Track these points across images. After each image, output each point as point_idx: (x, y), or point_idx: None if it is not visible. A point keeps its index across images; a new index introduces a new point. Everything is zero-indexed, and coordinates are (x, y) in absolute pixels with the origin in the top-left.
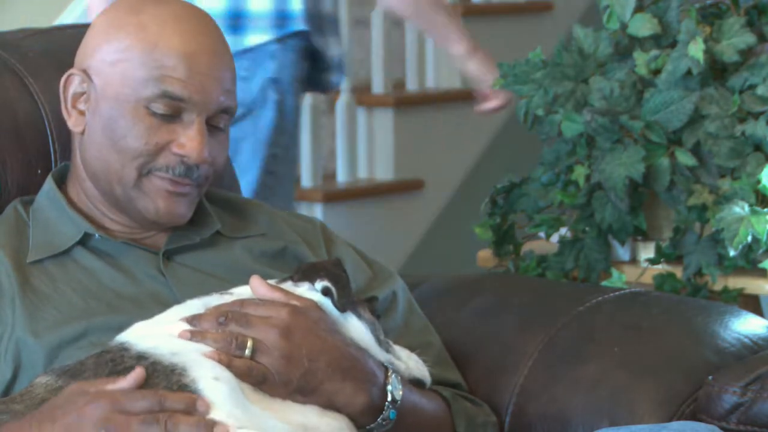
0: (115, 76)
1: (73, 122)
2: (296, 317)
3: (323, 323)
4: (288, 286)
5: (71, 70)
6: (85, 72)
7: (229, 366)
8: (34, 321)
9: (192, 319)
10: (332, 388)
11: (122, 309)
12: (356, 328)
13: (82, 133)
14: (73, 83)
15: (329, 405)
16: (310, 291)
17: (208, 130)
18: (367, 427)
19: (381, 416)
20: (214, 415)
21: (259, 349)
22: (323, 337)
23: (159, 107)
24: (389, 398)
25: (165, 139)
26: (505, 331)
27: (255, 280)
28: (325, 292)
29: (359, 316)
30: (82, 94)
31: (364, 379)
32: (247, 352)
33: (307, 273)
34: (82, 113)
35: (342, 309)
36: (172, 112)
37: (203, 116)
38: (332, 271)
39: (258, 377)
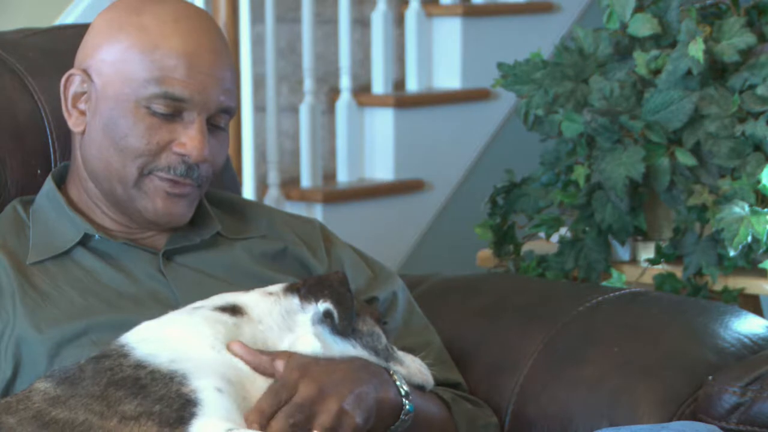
0: (115, 76)
1: (73, 122)
2: (302, 371)
3: (318, 358)
4: (295, 304)
5: (71, 70)
6: (85, 72)
7: None
8: (36, 318)
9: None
10: (365, 391)
11: (123, 308)
12: (348, 351)
13: (83, 132)
14: (73, 83)
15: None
16: (306, 315)
17: (209, 129)
18: (392, 427)
19: (402, 411)
20: (206, 422)
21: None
22: (330, 367)
23: (159, 107)
24: (403, 392)
25: (166, 138)
26: (505, 331)
27: (234, 345)
28: (327, 314)
29: (355, 332)
30: (83, 93)
31: (381, 380)
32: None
33: (312, 289)
34: (82, 113)
35: (342, 333)
36: (173, 112)
37: (204, 115)
38: (337, 289)
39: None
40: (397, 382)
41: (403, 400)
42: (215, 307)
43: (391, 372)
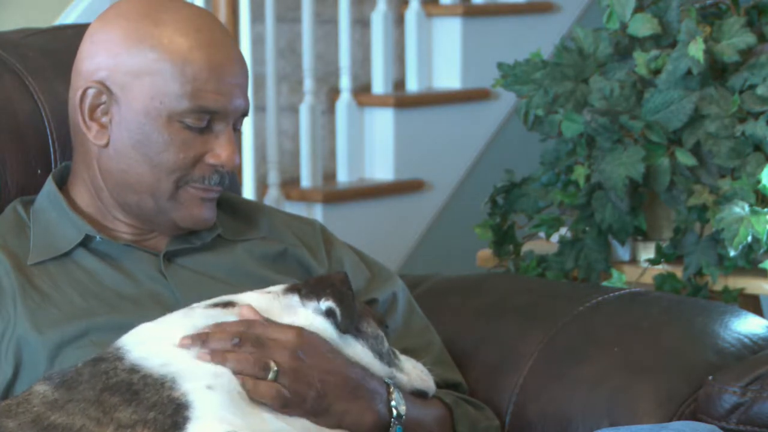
0: (141, 88)
1: (94, 135)
2: (304, 339)
3: (326, 345)
4: (295, 301)
5: (84, 83)
6: (101, 83)
7: (254, 390)
8: (36, 319)
9: (201, 340)
10: (342, 408)
11: (123, 309)
12: (355, 348)
13: (106, 145)
14: (88, 96)
15: (339, 425)
16: (308, 310)
17: None
18: None
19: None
20: (203, 425)
21: (279, 371)
22: (330, 358)
23: (192, 121)
24: (394, 414)
25: (200, 151)
26: (505, 331)
27: (245, 310)
28: (329, 313)
29: (360, 333)
30: (99, 105)
31: (370, 398)
32: (271, 375)
33: (314, 288)
34: (103, 126)
35: (344, 330)
36: (205, 125)
37: (230, 123)
38: (339, 288)
39: (282, 400)
40: (393, 403)
41: (394, 421)
42: (209, 305)
43: (391, 389)
